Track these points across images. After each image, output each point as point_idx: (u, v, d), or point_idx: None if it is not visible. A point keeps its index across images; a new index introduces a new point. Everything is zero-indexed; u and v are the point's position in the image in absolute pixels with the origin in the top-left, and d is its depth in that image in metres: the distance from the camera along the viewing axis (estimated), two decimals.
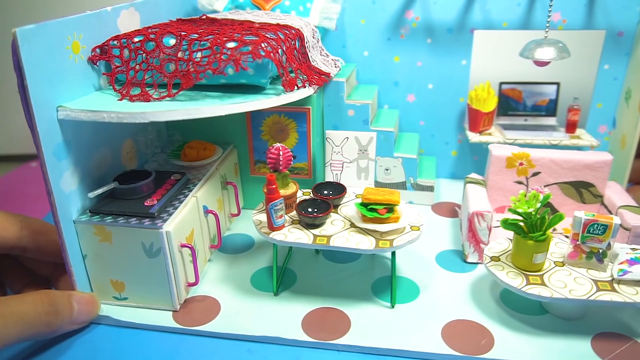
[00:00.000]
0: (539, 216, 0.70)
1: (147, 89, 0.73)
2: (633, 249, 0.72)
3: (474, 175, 0.97)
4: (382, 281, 0.83)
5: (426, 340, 0.70)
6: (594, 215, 0.70)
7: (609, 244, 0.70)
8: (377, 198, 0.73)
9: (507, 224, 0.71)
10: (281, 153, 0.77)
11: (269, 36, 0.77)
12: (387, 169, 1.07)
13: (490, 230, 0.84)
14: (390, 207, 0.74)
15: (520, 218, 0.71)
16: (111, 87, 0.76)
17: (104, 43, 0.75)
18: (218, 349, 0.71)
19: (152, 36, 0.75)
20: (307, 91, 0.81)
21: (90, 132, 0.76)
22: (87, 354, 0.71)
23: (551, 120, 1.11)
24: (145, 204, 0.75)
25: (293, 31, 0.87)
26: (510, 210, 0.70)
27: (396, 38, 1.09)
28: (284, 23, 0.90)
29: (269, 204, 0.73)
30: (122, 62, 0.75)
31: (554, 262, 0.74)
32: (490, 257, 0.76)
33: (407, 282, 0.83)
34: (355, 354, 0.70)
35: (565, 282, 0.70)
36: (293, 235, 0.75)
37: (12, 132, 0.64)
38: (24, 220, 0.74)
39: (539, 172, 0.91)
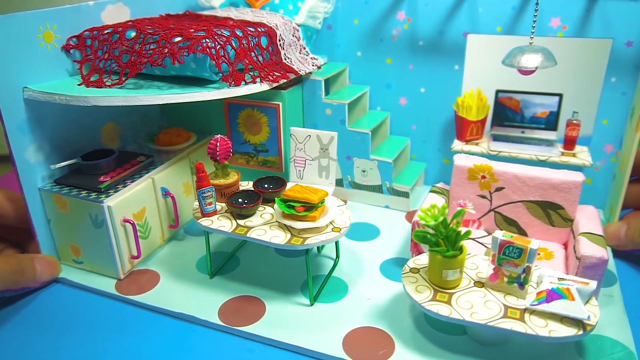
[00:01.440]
0: (455, 229, 0.67)
1: (104, 76, 0.81)
2: (560, 279, 0.65)
3: (441, 185, 0.93)
4: (315, 279, 0.84)
5: (324, 341, 0.70)
6: (512, 237, 0.65)
7: (527, 269, 0.65)
8: (294, 195, 0.74)
9: (416, 235, 0.68)
10: (218, 144, 0.81)
11: (219, 32, 0.81)
12: (363, 171, 1.06)
13: None
14: (309, 206, 0.75)
15: (432, 231, 0.68)
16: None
17: (79, 34, 0.84)
18: (217, 347, 0.72)
19: (119, 29, 0.83)
20: (257, 87, 0.84)
21: (62, 112, 0.85)
22: (42, 309, 0.80)
23: (551, 135, 1.02)
24: (99, 179, 0.83)
25: (261, 29, 0.90)
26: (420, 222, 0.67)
27: (388, 39, 1.07)
28: (259, 21, 0.94)
29: (198, 191, 0.78)
30: (92, 51, 0.84)
31: (475, 283, 0.70)
32: (410, 269, 0.73)
33: (339, 283, 0.83)
34: (255, 343, 0.72)
35: (473, 303, 0.66)
36: (219, 222, 0.79)
37: None
38: None
39: (502, 188, 0.85)
